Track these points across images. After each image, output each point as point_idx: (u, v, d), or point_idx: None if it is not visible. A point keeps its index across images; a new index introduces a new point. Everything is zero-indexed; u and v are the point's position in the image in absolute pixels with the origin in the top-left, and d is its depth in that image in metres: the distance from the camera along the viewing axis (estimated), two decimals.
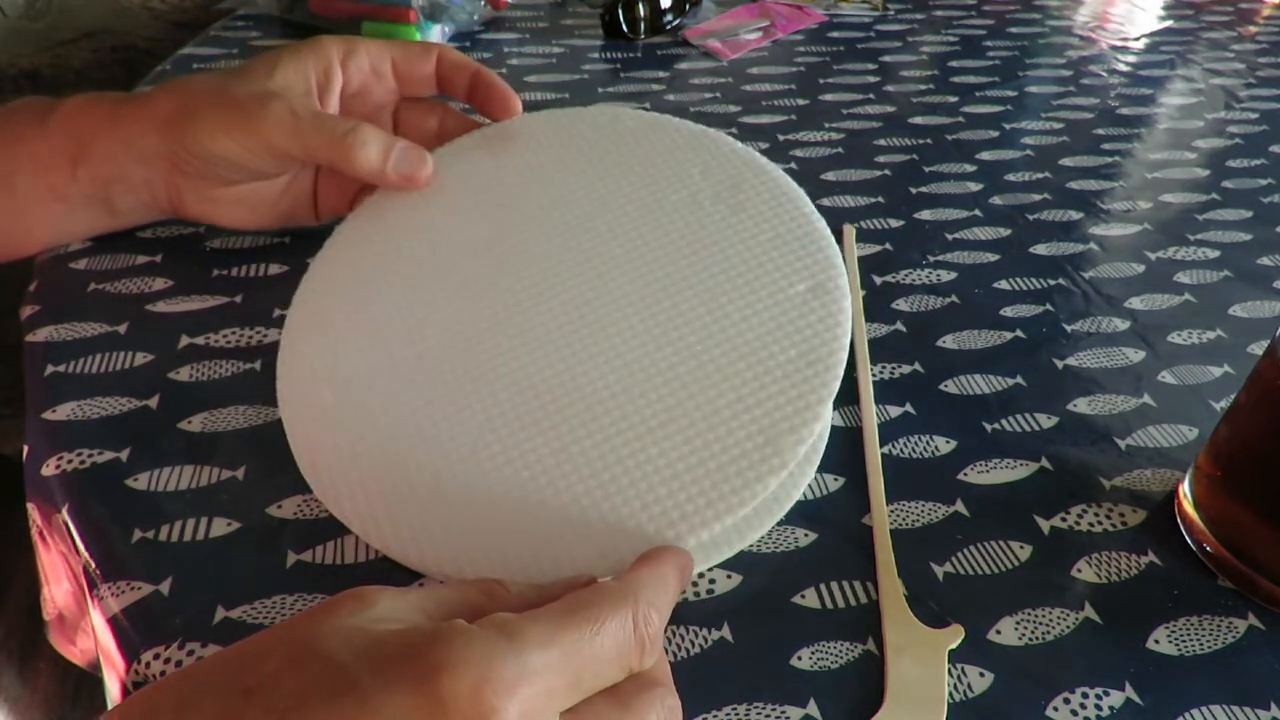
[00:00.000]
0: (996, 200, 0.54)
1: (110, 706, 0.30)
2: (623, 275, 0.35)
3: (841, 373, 0.32)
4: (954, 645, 0.29)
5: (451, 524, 0.29)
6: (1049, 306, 0.45)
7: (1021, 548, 0.32)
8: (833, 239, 0.36)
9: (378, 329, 0.34)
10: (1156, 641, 0.30)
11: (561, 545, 0.29)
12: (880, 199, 0.53)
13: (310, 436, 0.32)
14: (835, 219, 0.50)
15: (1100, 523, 0.34)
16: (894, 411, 0.38)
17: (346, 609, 0.21)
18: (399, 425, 0.32)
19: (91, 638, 0.33)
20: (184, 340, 0.38)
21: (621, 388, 0.32)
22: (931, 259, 0.48)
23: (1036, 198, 0.54)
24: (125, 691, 0.28)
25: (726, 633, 0.29)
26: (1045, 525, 0.33)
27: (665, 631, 0.29)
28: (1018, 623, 0.30)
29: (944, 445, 0.36)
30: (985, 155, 0.59)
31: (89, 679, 0.53)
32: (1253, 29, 0.85)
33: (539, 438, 0.31)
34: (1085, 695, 0.28)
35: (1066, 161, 0.59)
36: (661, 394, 0.31)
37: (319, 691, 0.19)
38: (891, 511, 0.33)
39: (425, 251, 0.37)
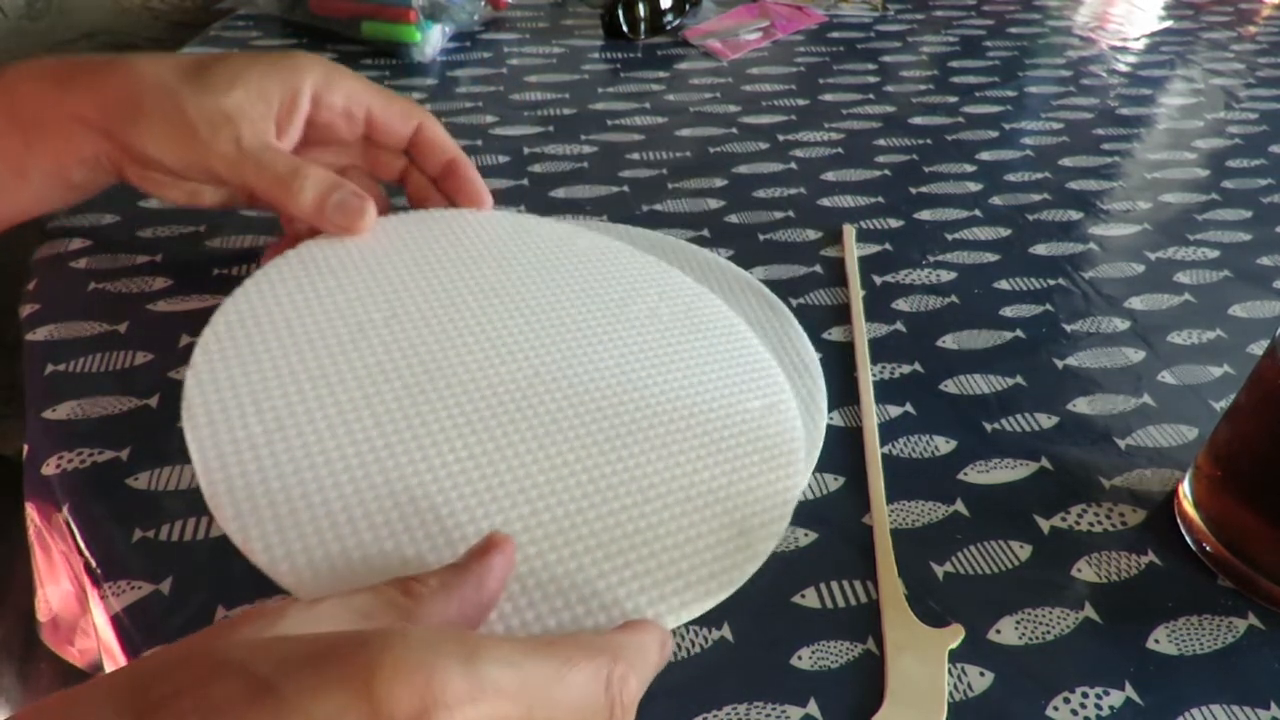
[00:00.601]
0: (996, 200, 0.54)
1: None
2: (586, 367, 0.34)
3: (803, 482, 0.33)
4: (954, 645, 0.29)
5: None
6: (1049, 306, 0.45)
7: (1021, 547, 0.33)
8: (777, 367, 0.37)
9: (319, 371, 0.31)
10: (1156, 641, 0.30)
11: (534, 609, 0.26)
12: (880, 199, 0.53)
13: (234, 478, 0.27)
14: (835, 219, 0.51)
15: (1100, 523, 0.34)
16: (894, 411, 0.38)
17: (251, 625, 0.19)
18: (347, 474, 0.28)
19: (92, 638, 0.33)
20: (184, 339, 0.38)
21: (593, 463, 0.31)
22: (931, 259, 0.48)
23: (1036, 198, 0.54)
24: None
25: (726, 633, 0.29)
26: (1045, 525, 0.33)
27: None
28: (1018, 622, 0.30)
29: (944, 445, 0.36)
30: (985, 155, 0.59)
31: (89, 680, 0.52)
32: (1253, 29, 0.85)
33: (505, 500, 0.29)
34: (1085, 695, 0.28)
35: (1066, 161, 0.59)
36: (635, 475, 0.31)
37: (230, 704, 0.17)
38: (891, 511, 0.33)
39: (374, 308, 0.34)
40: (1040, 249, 0.49)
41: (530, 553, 0.27)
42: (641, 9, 0.71)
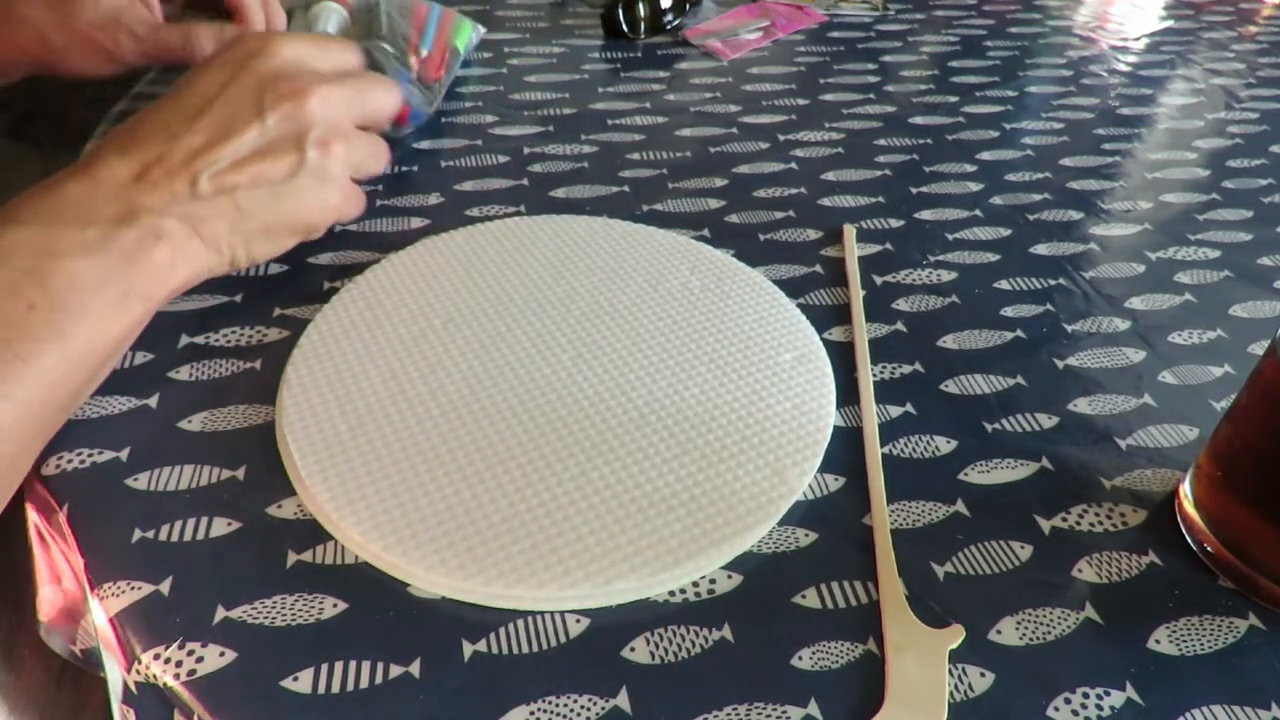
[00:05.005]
0: (997, 200, 0.54)
1: (113, 703, 0.30)
2: (626, 339, 0.39)
3: (832, 423, 0.36)
4: (954, 645, 0.29)
5: (476, 547, 0.30)
6: (1049, 306, 0.45)
7: (1022, 548, 0.32)
8: (806, 320, 0.41)
9: (390, 370, 0.36)
10: (1157, 641, 0.30)
11: (584, 570, 0.29)
12: (880, 199, 0.53)
13: (323, 466, 0.32)
14: (835, 219, 0.51)
15: (1101, 523, 0.34)
16: (894, 411, 0.38)
17: None
18: (419, 457, 0.33)
19: (92, 637, 0.33)
20: (184, 340, 0.38)
21: (634, 426, 0.35)
22: (932, 259, 0.48)
23: (1037, 198, 0.54)
24: (128, 690, 0.28)
25: (727, 633, 0.29)
26: (1045, 525, 0.33)
27: (666, 632, 0.29)
28: (1018, 623, 0.30)
29: (944, 445, 0.36)
30: (985, 155, 0.59)
31: (74, 668, 0.53)
32: (1253, 29, 0.85)
33: (558, 464, 0.33)
34: (1086, 695, 0.28)
35: (1067, 161, 0.59)
36: (674, 433, 0.34)
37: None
38: (892, 511, 0.33)
39: (437, 312, 0.40)
40: (1041, 249, 0.49)
41: (583, 505, 0.31)
42: (641, 9, 0.71)
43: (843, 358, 0.40)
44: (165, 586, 0.29)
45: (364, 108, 0.39)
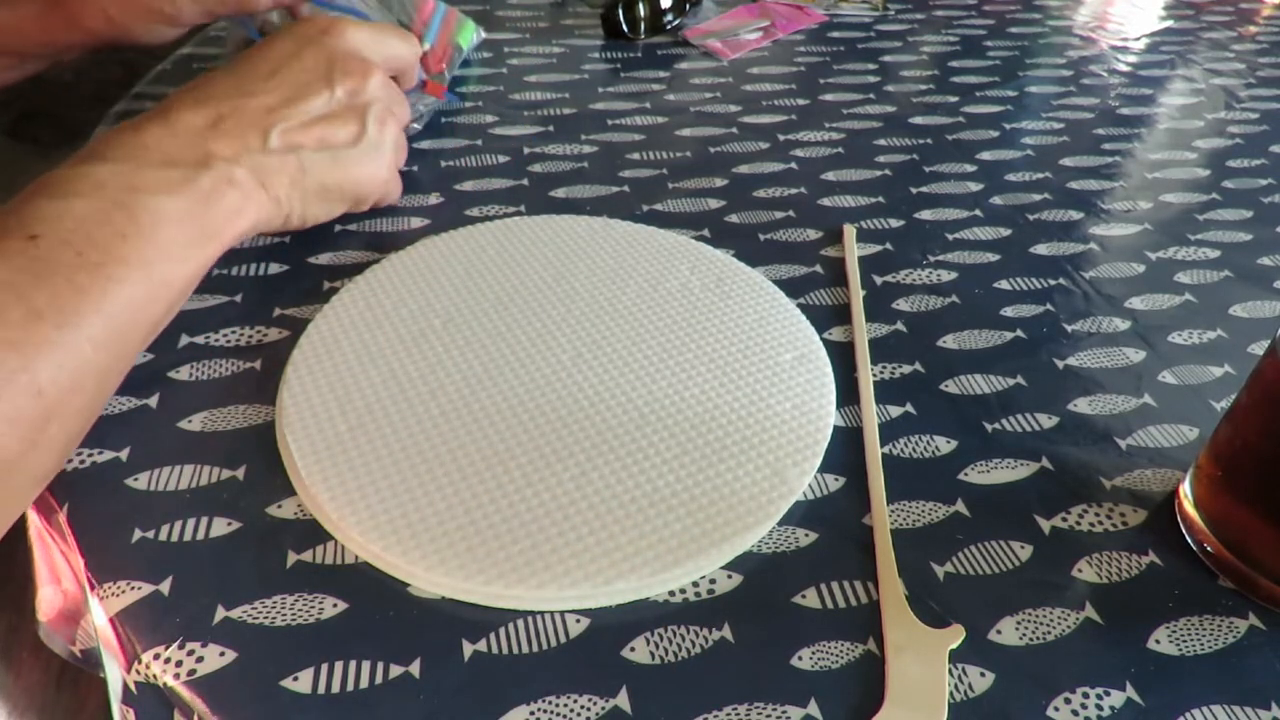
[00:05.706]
0: (997, 200, 0.54)
1: (113, 703, 0.30)
2: (626, 339, 0.39)
3: (832, 423, 0.36)
4: (955, 645, 0.29)
5: (476, 547, 0.30)
6: (1049, 306, 0.45)
7: (1022, 548, 0.32)
8: (806, 320, 0.41)
9: (390, 370, 0.36)
10: (1157, 641, 0.30)
11: (583, 569, 0.29)
12: (880, 199, 0.53)
13: (323, 466, 0.32)
14: (835, 219, 0.51)
15: (1101, 523, 0.34)
16: (894, 411, 0.38)
17: None
18: (418, 457, 0.33)
19: (92, 637, 0.33)
20: (184, 339, 0.38)
21: (634, 426, 0.35)
22: (932, 259, 0.48)
23: (1037, 198, 0.54)
24: (127, 690, 0.28)
25: (727, 633, 0.29)
26: (1046, 525, 0.33)
27: (666, 632, 0.29)
28: (1018, 623, 0.30)
29: (944, 445, 0.36)
30: (985, 155, 0.59)
31: (72, 669, 0.53)
32: (1253, 29, 0.85)
33: (558, 464, 0.33)
34: (1086, 695, 0.28)
35: (1067, 161, 0.59)
36: (674, 433, 0.34)
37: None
38: (892, 511, 0.33)
39: (437, 312, 0.40)
40: (1041, 249, 0.49)
41: (581, 507, 0.31)
42: (641, 9, 0.71)
43: (843, 358, 0.40)
44: (165, 586, 0.29)
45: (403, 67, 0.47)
